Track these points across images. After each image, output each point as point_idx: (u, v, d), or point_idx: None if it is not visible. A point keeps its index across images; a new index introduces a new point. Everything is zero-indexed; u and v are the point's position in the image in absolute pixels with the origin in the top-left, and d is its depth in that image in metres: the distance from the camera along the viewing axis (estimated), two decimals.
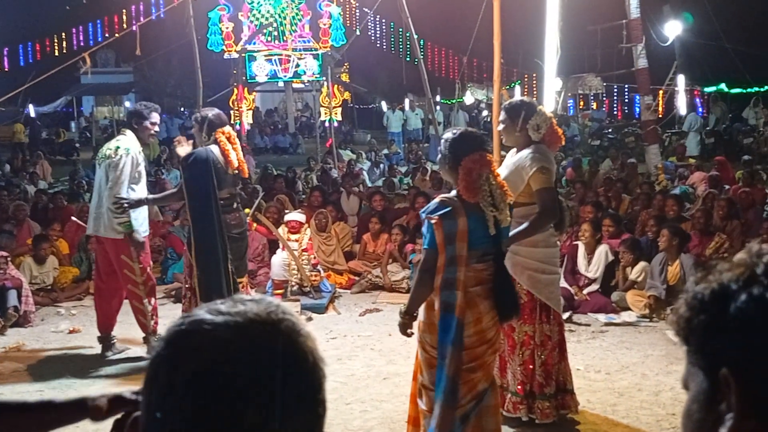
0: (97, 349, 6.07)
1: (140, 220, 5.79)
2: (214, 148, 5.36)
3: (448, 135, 3.63)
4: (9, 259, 7.17)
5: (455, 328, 3.38)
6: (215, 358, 0.80)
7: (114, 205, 5.59)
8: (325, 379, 0.89)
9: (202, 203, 5.25)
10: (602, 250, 7.24)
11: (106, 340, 5.98)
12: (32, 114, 25.50)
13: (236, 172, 5.43)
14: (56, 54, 22.30)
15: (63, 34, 23.13)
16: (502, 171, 4.12)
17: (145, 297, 5.75)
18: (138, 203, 5.65)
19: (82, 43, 22.00)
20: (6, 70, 23.73)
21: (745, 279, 0.83)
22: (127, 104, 29.29)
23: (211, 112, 5.57)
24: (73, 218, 8.14)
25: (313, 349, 0.87)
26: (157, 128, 5.96)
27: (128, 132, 5.78)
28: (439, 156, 3.68)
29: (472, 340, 3.42)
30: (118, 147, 5.66)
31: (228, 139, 5.39)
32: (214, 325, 0.83)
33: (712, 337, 0.84)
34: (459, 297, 3.39)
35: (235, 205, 5.56)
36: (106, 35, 20.90)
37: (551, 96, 6.65)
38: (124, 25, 19.36)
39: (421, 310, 3.57)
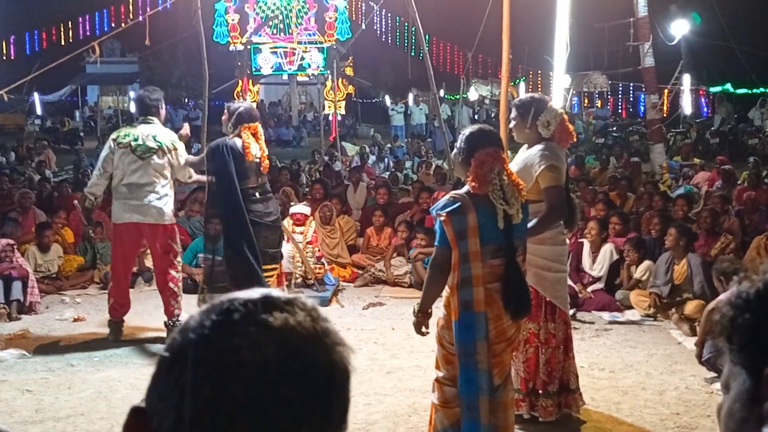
0: (102, 337, 6.09)
1: None
2: (237, 141, 5.44)
3: (467, 129, 3.68)
4: (15, 246, 7.19)
5: (480, 322, 3.37)
6: (268, 381, 0.77)
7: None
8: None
9: (228, 190, 5.35)
10: (607, 249, 7.23)
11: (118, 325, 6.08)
12: (37, 102, 25.50)
13: (257, 161, 5.48)
14: (62, 43, 22.30)
15: (69, 23, 23.12)
16: (512, 168, 4.11)
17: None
18: None
19: (88, 33, 22.03)
20: (12, 58, 23.74)
21: None
22: (132, 94, 29.22)
23: (244, 106, 5.68)
24: None
25: (350, 359, 0.84)
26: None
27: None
28: (455, 150, 3.70)
29: (492, 335, 3.41)
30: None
31: (254, 134, 5.52)
32: (262, 340, 0.78)
33: (757, 335, 0.84)
34: (477, 293, 3.38)
35: (266, 194, 5.63)
36: (113, 25, 20.90)
37: (560, 93, 6.63)
38: (131, 15, 19.34)
39: (441, 307, 3.57)
